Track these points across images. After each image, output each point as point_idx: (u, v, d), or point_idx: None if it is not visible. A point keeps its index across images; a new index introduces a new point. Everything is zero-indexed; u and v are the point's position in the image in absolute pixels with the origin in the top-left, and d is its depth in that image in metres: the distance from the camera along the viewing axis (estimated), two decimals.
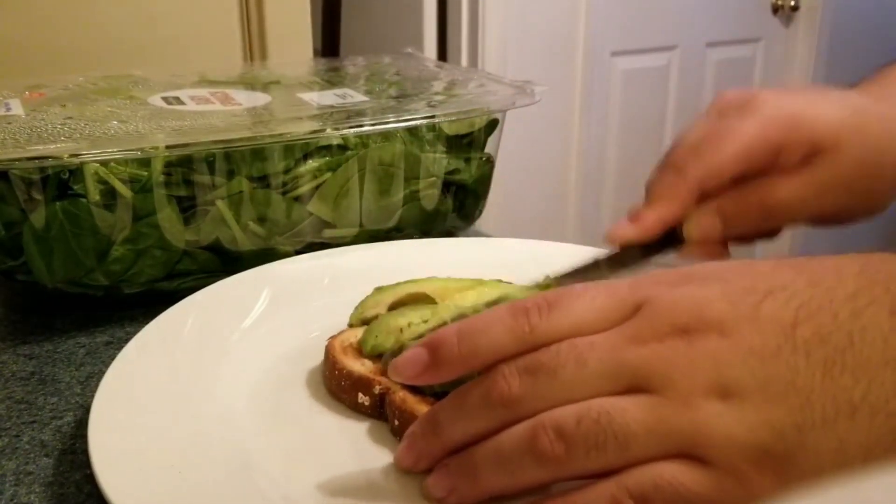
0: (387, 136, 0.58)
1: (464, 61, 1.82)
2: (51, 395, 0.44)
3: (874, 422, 0.26)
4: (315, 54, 1.17)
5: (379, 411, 0.39)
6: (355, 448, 0.37)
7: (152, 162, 0.51)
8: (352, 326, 0.45)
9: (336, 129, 0.54)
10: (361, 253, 0.56)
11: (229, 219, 0.54)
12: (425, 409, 0.35)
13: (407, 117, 0.56)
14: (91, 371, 0.47)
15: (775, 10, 2.24)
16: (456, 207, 0.64)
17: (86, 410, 0.40)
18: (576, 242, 0.58)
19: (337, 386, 0.40)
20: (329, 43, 1.59)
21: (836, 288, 0.28)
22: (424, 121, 0.57)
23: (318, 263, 0.54)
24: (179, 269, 0.54)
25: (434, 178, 0.61)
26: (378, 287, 0.47)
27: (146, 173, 0.51)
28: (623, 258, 0.44)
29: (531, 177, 1.94)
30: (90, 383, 0.45)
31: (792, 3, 2.23)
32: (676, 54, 2.12)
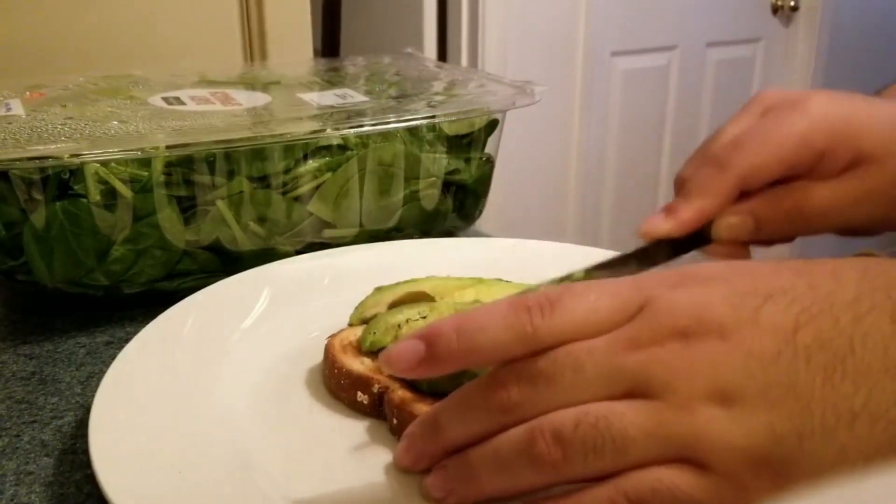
0: (387, 137, 0.58)
1: (464, 61, 1.82)
2: (51, 395, 0.44)
3: (874, 429, 0.26)
4: (315, 54, 1.17)
5: (378, 410, 0.39)
6: (354, 447, 0.37)
7: (152, 162, 0.51)
8: (352, 326, 0.45)
9: (336, 130, 0.54)
10: (361, 253, 0.56)
11: (229, 219, 0.54)
12: (424, 409, 0.36)
13: (407, 117, 0.56)
14: (91, 371, 0.47)
15: (775, 10, 2.24)
16: (456, 207, 0.64)
17: (86, 410, 0.40)
18: (576, 242, 0.58)
19: (336, 385, 0.40)
20: (329, 43, 1.59)
21: (837, 292, 0.28)
22: (424, 121, 0.57)
23: (318, 263, 0.54)
24: (179, 269, 0.54)
25: (434, 178, 0.61)
26: (378, 287, 0.47)
27: (146, 173, 0.51)
28: (653, 254, 0.42)
29: (531, 177, 1.94)
30: (90, 383, 0.45)
31: (792, 3, 2.23)
32: (676, 54, 2.12)
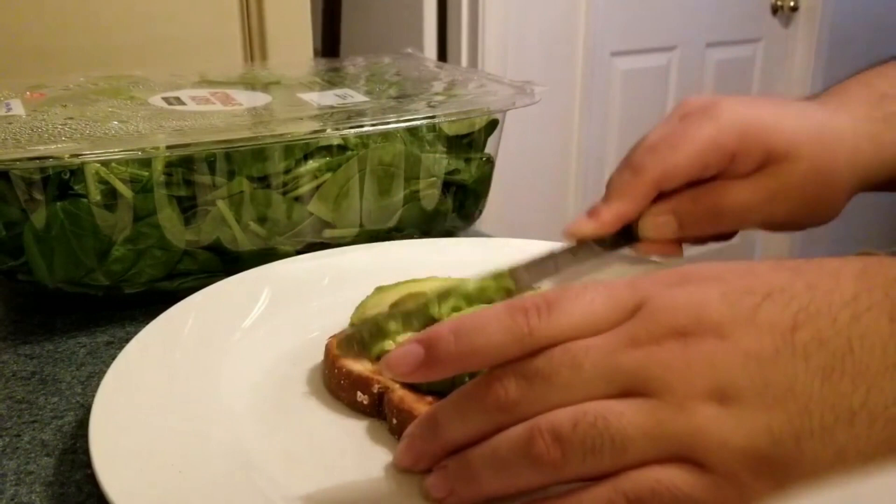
0: (387, 137, 0.58)
1: (464, 61, 1.82)
2: (51, 395, 0.44)
3: (873, 428, 0.26)
4: (315, 54, 1.17)
5: (378, 410, 0.39)
6: (354, 447, 0.37)
7: (153, 162, 0.51)
8: (353, 326, 0.45)
9: (336, 130, 0.54)
10: (361, 253, 0.56)
11: (230, 219, 0.54)
12: (423, 409, 0.36)
13: (407, 117, 0.56)
14: (92, 371, 0.47)
15: (775, 11, 2.24)
16: (456, 207, 0.64)
17: (86, 410, 0.40)
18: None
19: (336, 385, 0.40)
20: (329, 43, 1.59)
21: (835, 291, 0.28)
22: (424, 121, 0.57)
23: (318, 263, 0.54)
24: (180, 269, 0.54)
25: (434, 178, 0.61)
26: (378, 287, 0.47)
27: (147, 173, 0.51)
28: (579, 253, 0.46)
29: (531, 177, 1.94)
30: (91, 383, 0.45)
31: (792, 3, 2.23)
32: (676, 54, 2.12)
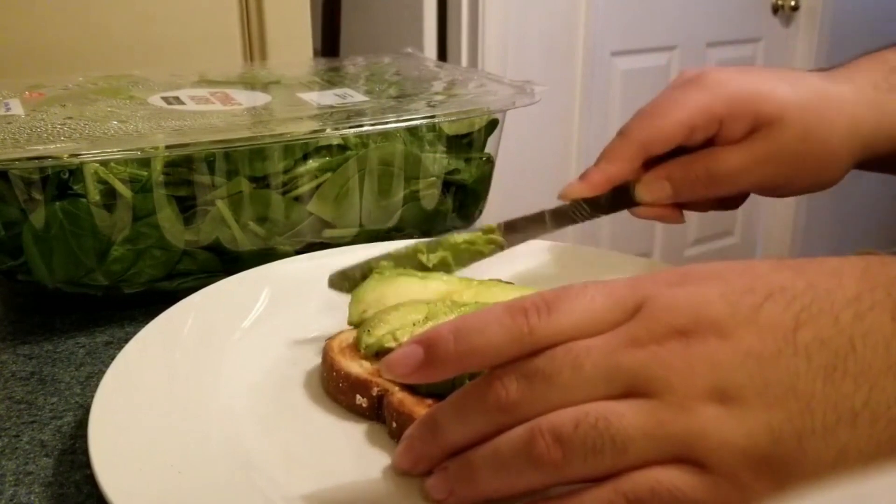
0: (387, 136, 0.58)
1: (464, 61, 1.82)
2: (51, 395, 0.44)
3: (875, 428, 0.26)
4: (315, 54, 1.17)
5: (377, 413, 0.39)
6: (354, 450, 0.37)
7: (152, 162, 0.51)
8: (351, 324, 0.44)
9: (336, 129, 0.54)
10: (361, 253, 0.56)
11: (229, 219, 0.54)
12: (423, 411, 0.35)
13: (407, 117, 0.56)
14: (91, 371, 0.47)
15: (775, 10, 2.24)
16: (456, 207, 0.64)
17: (86, 410, 0.40)
18: (576, 242, 0.58)
19: (335, 387, 0.40)
20: (329, 43, 1.59)
21: (837, 291, 0.27)
22: (424, 121, 0.57)
23: (318, 263, 0.54)
24: (179, 269, 0.54)
25: (434, 178, 0.61)
26: (377, 270, 0.46)
27: (146, 173, 0.51)
28: (569, 212, 0.49)
29: (531, 177, 1.94)
30: (90, 383, 0.45)
31: (792, 3, 2.23)
32: (676, 54, 2.12)
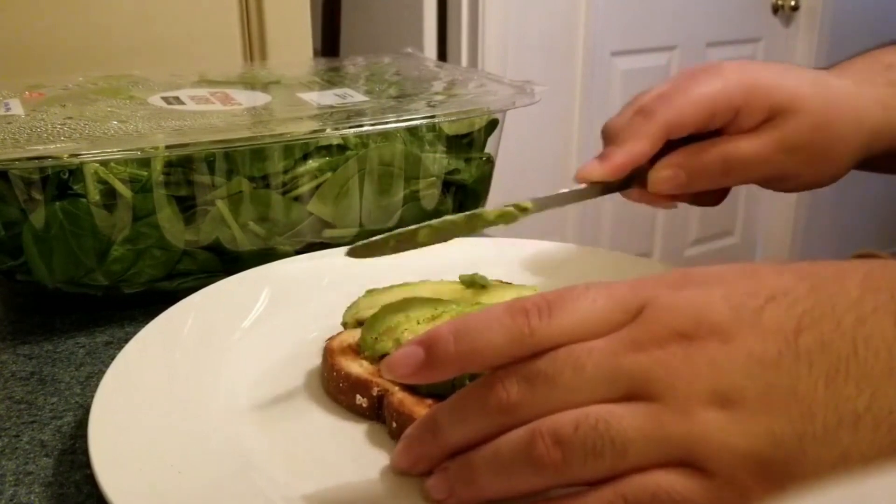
0: (387, 136, 0.58)
1: (464, 61, 1.82)
2: (51, 395, 0.44)
3: (877, 433, 0.26)
4: (315, 54, 1.17)
5: (377, 413, 0.39)
6: (353, 450, 0.37)
7: (152, 162, 0.51)
8: (345, 326, 0.44)
9: (336, 129, 0.54)
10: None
11: (229, 219, 0.54)
12: (423, 412, 0.35)
13: (407, 117, 0.56)
14: (91, 371, 0.47)
15: (775, 10, 2.24)
16: (456, 207, 0.64)
17: (86, 410, 0.40)
18: (576, 242, 0.58)
19: (335, 388, 0.40)
20: (329, 43, 1.59)
21: (840, 294, 0.27)
22: (424, 121, 0.57)
23: (318, 263, 0.54)
24: (179, 269, 0.54)
25: (434, 178, 0.61)
26: (369, 290, 0.47)
27: (146, 173, 0.51)
28: (582, 193, 0.49)
29: (531, 177, 1.94)
30: (90, 383, 0.45)
31: (792, 3, 2.23)
32: (676, 54, 2.12)
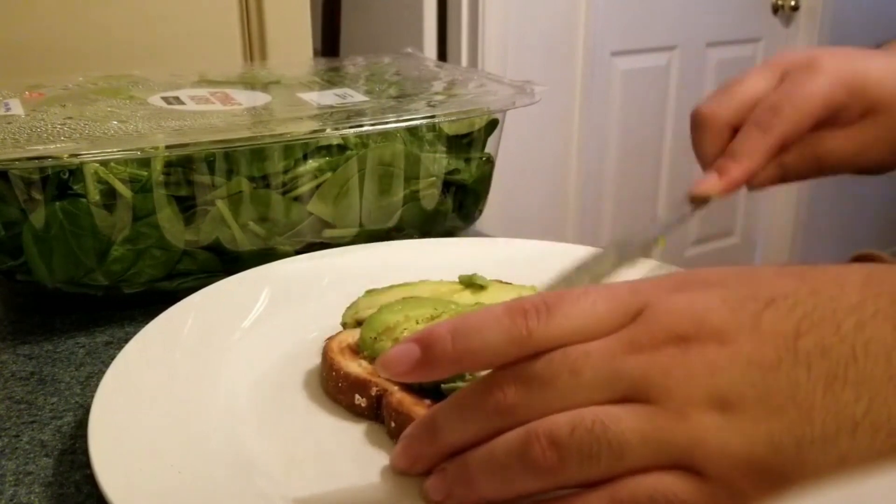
0: (387, 136, 0.58)
1: (464, 61, 1.82)
2: (51, 395, 0.44)
3: (876, 439, 0.25)
4: (315, 54, 1.17)
5: (376, 413, 0.39)
6: (353, 449, 0.37)
7: (152, 162, 0.51)
8: (345, 326, 0.44)
9: (336, 129, 0.54)
10: (361, 253, 0.56)
11: (229, 219, 0.54)
12: (421, 411, 0.35)
13: (407, 117, 0.56)
14: (91, 371, 0.47)
15: (775, 10, 2.24)
16: (456, 207, 0.64)
17: (86, 410, 0.40)
18: (576, 242, 0.58)
19: (334, 387, 0.40)
20: (329, 43, 1.59)
21: (840, 298, 0.27)
22: (424, 121, 0.57)
23: (318, 263, 0.54)
24: (179, 269, 0.54)
25: (434, 178, 0.61)
26: (369, 290, 0.47)
27: (146, 173, 0.51)
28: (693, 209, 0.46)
29: (531, 177, 1.94)
30: (90, 383, 0.45)
31: (792, 3, 2.23)
32: (676, 54, 2.12)
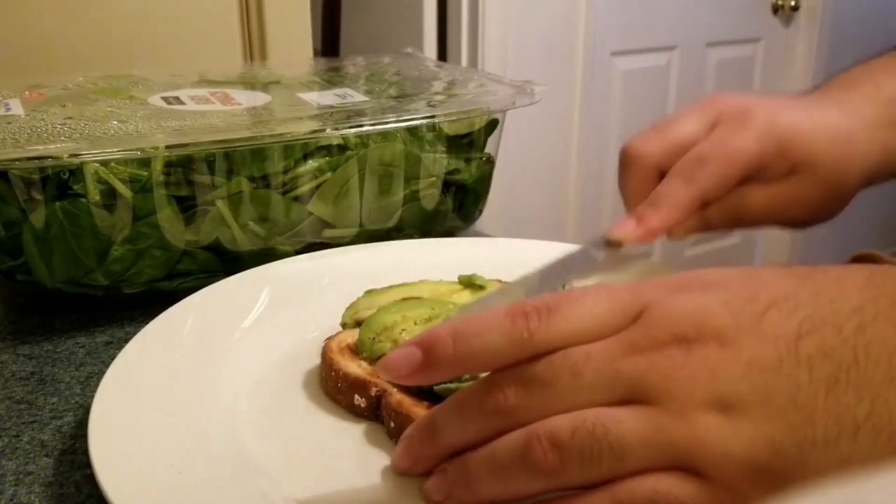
0: (387, 136, 0.58)
1: (464, 61, 1.82)
2: (51, 395, 0.44)
3: (877, 442, 0.25)
4: (315, 54, 1.17)
5: (375, 413, 0.39)
6: (352, 450, 0.37)
7: (152, 162, 0.51)
8: (344, 326, 0.44)
9: (336, 129, 0.54)
10: (361, 253, 0.56)
11: (229, 219, 0.54)
12: (421, 412, 0.35)
13: (407, 117, 0.56)
14: (91, 371, 0.47)
15: (775, 10, 2.24)
16: (456, 207, 0.64)
17: (86, 410, 0.40)
18: (576, 242, 0.58)
19: (334, 388, 0.40)
20: (329, 43, 1.59)
21: (841, 300, 0.27)
22: (424, 121, 0.57)
23: (318, 263, 0.54)
24: (179, 269, 0.54)
25: (434, 178, 0.61)
26: (368, 290, 0.47)
27: (146, 173, 0.51)
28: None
29: (531, 177, 1.94)
30: (90, 383, 0.45)
31: (792, 3, 2.23)
32: (676, 54, 2.12)
